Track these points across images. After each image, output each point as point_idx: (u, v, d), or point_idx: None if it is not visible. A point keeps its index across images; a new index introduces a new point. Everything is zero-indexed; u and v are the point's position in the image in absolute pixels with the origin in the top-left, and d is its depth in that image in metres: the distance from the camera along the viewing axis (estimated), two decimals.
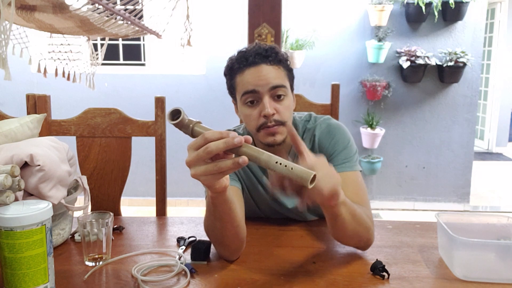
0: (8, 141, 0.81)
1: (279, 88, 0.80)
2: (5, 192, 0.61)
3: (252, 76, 0.80)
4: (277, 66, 0.82)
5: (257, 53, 0.81)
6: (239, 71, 0.82)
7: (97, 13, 1.20)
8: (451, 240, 0.68)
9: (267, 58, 0.81)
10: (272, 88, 0.80)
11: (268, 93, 0.80)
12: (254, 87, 0.80)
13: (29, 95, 1.06)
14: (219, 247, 0.75)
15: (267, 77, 0.80)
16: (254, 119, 0.81)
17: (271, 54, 0.81)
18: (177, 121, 0.58)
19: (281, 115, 0.81)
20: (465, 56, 2.75)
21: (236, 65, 0.82)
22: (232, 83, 0.85)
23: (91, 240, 0.73)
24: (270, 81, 0.80)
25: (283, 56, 0.83)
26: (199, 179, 0.58)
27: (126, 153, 1.08)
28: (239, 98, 0.84)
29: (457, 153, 3.03)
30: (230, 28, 2.84)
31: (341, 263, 0.74)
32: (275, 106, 0.80)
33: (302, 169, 0.53)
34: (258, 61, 0.80)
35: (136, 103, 2.89)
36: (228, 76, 0.86)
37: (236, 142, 0.55)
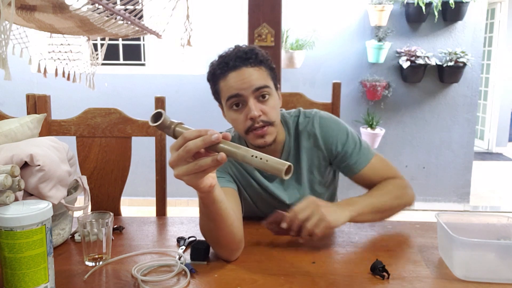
0: (8, 141, 0.81)
1: (262, 89, 0.81)
2: (5, 192, 0.61)
3: (235, 80, 0.81)
4: (258, 67, 0.82)
5: (237, 57, 0.81)
6: (221, 76, 0.83)
7: (97, 13, 1.20)
8: (451, 240, 0.68)
9: (247, 61, 0.81)
10: (255, 89, 0.81)
11: (253, 95, 0.81)
12: (238, 91, 0.80)
13: (29, 95, 1.06)
14: (217, 248, 0.75)
15: (250, 79, 0.80)
16: (241, 122, 0.82)
17: (251, 56, 0.82)
18: (158, 123, 0.59)
19: (268, 116, 0.82)
20: (465, 56, 2.75)
21: (218, 70, 0.83)
22: (216, 89, 0.86)
23: (91, 240, 0.73)
24: (253, 83, 0.80)
25: (263, 56, 0.84)
26: (182, 179, 0.58)
27: (126, 153, 1.08)
28: (224, 103, 0.85)
29: (457, 153, 3.03)
30: (230, 28, 2.84)
31: (341, 263, 0.74)
32: (260, 107, 0.82)
33: (277, 160, 0.54)
34: (239, 65, 0.81)
35: (136, 103, 2.89)
36: (211, 82, 0.87)
37: (214, 139, 0.55)
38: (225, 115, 0.89)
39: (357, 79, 2.93)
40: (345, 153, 0.88)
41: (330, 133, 0.89)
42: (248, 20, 1.78)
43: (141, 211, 2.89)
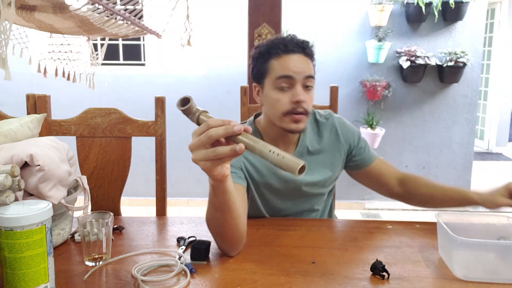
0: (8, 141, 0.81)
1: (311, 78, 0.87)
2: (5, 192, 0.61)
3: (290, 62, 0.85)
4: (310, 58, 0.88)
5: (296, 43, 0.87)
6: (275, 55, 0.86)
7: (97, 13, 1.20)
8: (451, 240, 0.68)
9: (304, 50, 0.87)
10: (306, 77, 0.85)
11: (302, 81, 0.85)
12: (291, 73, 0.84)
13: (29, 95, 1.06)
14: (219, 240, 0.76)
15: (304, 66, 0.85)
16: (283, 104, 0.85)
17: (307, 46, 0.88)
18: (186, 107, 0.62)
19: (307, 105, 0.87)
20: (465, 56, 2.75)
21: (273, 50, 0.86)
22: (264, 67, 0.88)
23: (91, 240, 0.73)
24: (306, 70, 0.85)
25: (313, 51, 0.91)
26: (198, 163, 0.60)
27: (126, 153, 1.08)
28: (270, 81, 0.87)
29: (457, 153, 3.03)
30: (230, 28, 2.85)
31: (341, 263, 0.74)
32: (304, 95, 0.86)
33: (292, 159, 0.56)
34: (297, 50, 0.86)
35: (136, 103, 2.90)
36: (260, 60, 0.89)
37: (236, 130, 0.57)
38: (257, 95, 0.92)
39: (357, 79, 2.93)
40: (360, 147, 0.98)
41: (348, 130, 0.98)
42: (248, 20, 1.78)
43: (141, 211, 2.89)
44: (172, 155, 2.61)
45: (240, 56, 2.79)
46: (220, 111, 2.98)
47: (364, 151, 0.98)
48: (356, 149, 0.98)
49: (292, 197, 0.96)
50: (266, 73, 0.88)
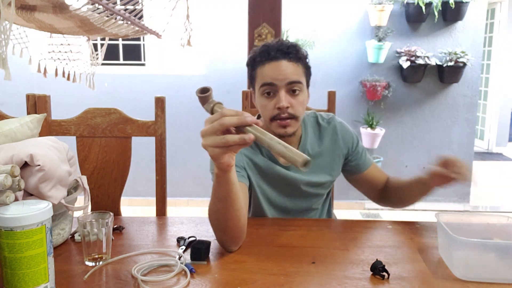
0: (8, 141, 0.81)
1: (295, 83, 0.87)
2: (5, 192, 0.61)
3: (272, 70, 0.87)
4: (296, 63, 0.88)
5: (279, 49, 0.87)
6: (260, 64, 0.89)
7: (97, 13, 1.20)
8: (451, 240, 0.68)
9: (287, 55, 0.87)
10: (289, 83, 0.87)
11: (285, 87, 0.87)
12: (272, 80, 0.87)
13: (29, 95, 1.06)
14: (220, 233, 0.77)
15: (286, 72, 0.86)
16: (269, 110, 0.88)
17: (292, 51, 0.88)
18: (204, 95, 0.66)
19: (294, 109, 0.88)
20: (465, 56, 2.75)
21: (258, 58, 0.89)
22: (253, 74, 0.92)
23: (91, 240, 0.73)
24: (288, 76, 0.86)
25: (303, 54, 0.90)
26: (207, 149, 0.63)
27: (126, 153, 1.08)
28: (257, 88, 0.91)
29: (457, 153, 3.03)
30: (230, 28, 2.85)
31: (340, 263, 0.74)
32: (290, 100, 0.87)
33: (298, 152, 0.59)
34: (279, 57, 0.87)
35: (136, 103, 2.89)
36: (249, 67, 0.93)
37: (248, 121, 0.61)
38: (254, 100, 0.95)
39: (357, 79, 2.93)
40: (357, 153, 0.99)
41: (348, 134, 0.99)
42: (248, 20, 1.78)
43: (141, 211, 2.89)
44: (172, 155, 2.61)
45: (240, 56, 2.78)
46: None
47: (360, 157, 1.00)
48: (353, 154, 0.99)
49: (292, 196, 0.98)
50: (255, 80, 0.91)
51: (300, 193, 0.97)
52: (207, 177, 0.95)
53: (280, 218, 0.99)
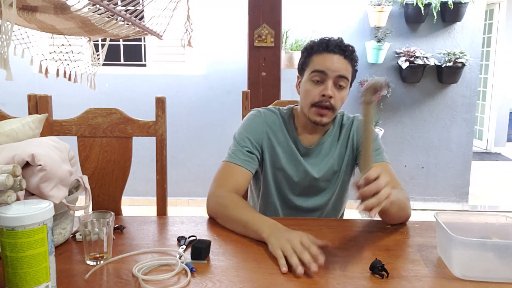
0: (10, 141, 0.81)
1: (343, 78, 0.95)
2: (7, 192, 0.62)
3: (326, 60, 0.94)
4: (349, 62, 0.96)
5: (338, 45, 0.95)
6: (317, 52, 0.95)
7: (98, 14, 1.21)
8: (450, 240, 0.69)
9: (344, 52, 0.94)
10: (338, 76, 0.94)
11: (333, 79, 0.94)
12: (325, 69, 0.93)
13: (31, 95, 1.07)
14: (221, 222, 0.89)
15: (338, 66, 0.93)
16: (313, 95, 0.94)
17: (348, 50, 0.95)
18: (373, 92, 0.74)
19: (335, 101, 0.94)
20: (463, 56, 2.76)
21: (316, 46, 0.95)
22: (307, 60, 0.98)
23: (92, 240, 0.73)
24: (339, 70, 0.93)
25: (355, 57, 0.98)
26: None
27: (127, 153, 1.08)
28: (307, 74, 0.97)
29: (456, 153, 3.03)
30: (230, 29, 2.85)
31: (340, 263, 0.74)
32: (334, 92, 0.94)
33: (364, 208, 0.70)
34: (336, 51, 0.94)
35: (136, 103, 2.89)
36: (305, 53, 0.99)
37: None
38: (298, 86, 1.02)
39: (357, 79, 2.92)
40: None
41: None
42: (248, 20, 1.79)
43: (141, 211, 2.89)
44: (173, 155, 2.61)
45: (240, 56, 2.79)
46: (221, 112, 2.99)
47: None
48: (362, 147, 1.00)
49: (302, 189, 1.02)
50: (307, 66, 0.97)
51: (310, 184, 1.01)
52: (207, 177, 0.96)
53: (281, 218, 1.00)
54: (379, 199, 0.69)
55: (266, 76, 1.79)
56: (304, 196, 1.02)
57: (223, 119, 2.97)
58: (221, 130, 2.97)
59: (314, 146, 1.01)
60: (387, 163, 0.99)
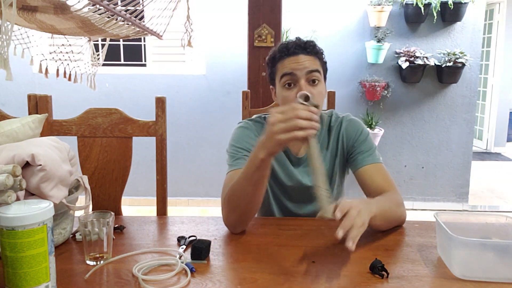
0: (10, 141, 0.81)
1: (314, 72, 0.92)
2: (7, 192, 0.62)
3: (291, 62, 0.92)
4: (314, 56, 0.94)
5: (297, 45, 0.93)
6: (280, 60, 0.94)
7: (98, 14, 1.21)
8: (450, 240, 0.69)
9: (305, 49, 0.92)
10: (308, 72, 0.92)
11: (304, 77, 0.91)
12: (292, 70, 0.92)
13: (31, 95, 1.07)
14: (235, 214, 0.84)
15: (304, 63, 0.92)
16: (290, 100, 0.91)
17: (309, 46, 0.94)
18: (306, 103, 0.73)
19: (315, 98, 0.90)
20: (463, 56, 2.76)
21: (278, 54, 0.94)
22: (273, 70, 0.97)
23: (92, 240, 0.73)
24: (307, 66, 0.92)
25: (319, 50, 0.96)
26: (278, 135, 0.70)
27: (127, 153, 1.08)
28: (278, 82, 0.96)
29: (456, 153, 3.03)
30: (230, 29, 2.85)
31: (340, 262, 0.74)
32: (310, 89, 0.91)
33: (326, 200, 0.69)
34: (297, 51, 0.92)
35: (137, 103, 2.90)
36: (270, 65, 0.98)
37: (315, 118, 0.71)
38: (275, 97, 1.00)
39: (357, 79, 2.94)
40: (359, 146, 0.98)
41: (353, 129, 1.00)
42: (248, 20, 1.79)
43: (141, 211, 2.89)
44: (173, 155, 2.61)
45: (240, 56, 2.79)
46: (221, 112, 2.99)
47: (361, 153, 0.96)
48: (355, 146, 0.98)
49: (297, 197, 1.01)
50: (275, 75, 0.96)
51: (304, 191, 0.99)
52: (207, 177, 0.96)
53: (280, 218, 1.00)
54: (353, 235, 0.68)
55: (266, 76, 1.79)
56: (300, 203, 1.01)
57: (223, 119, 2.97)
58: (221, 130, 2.97)
59: (304, 155, 0.99)
60: (380, 163, 0.95)
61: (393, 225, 0.89)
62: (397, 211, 0.89)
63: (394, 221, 0.88)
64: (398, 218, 0.89)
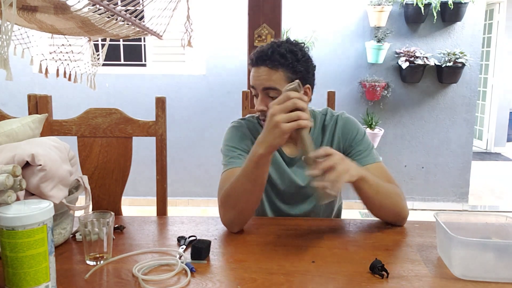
0: (10, 141, 0.81)
1: (270, 90, 0.89)
2: (7, 192, 0.62)
3: (253, 75, 0.92)
4: (275, 69, 0.88)
5: (259, 56, 0.90)
6: (250, 67, 0.94)
7: (98, 14, 1.21)
8: (450, 240, 0.69)
9: (264, 62, 0.89)
10: (264, 88, 0.90)
11: (262, 92, 0.90)
12: (253, 84, 0.92)
13: (31, 95, 1.07)
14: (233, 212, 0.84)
15: (261, 78, 0.89)
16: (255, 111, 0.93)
17: (270, 57, 0.88)
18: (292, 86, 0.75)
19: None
20: (463, 56, 2.76)
21: (250, 61, 0.94)
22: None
23: (92, 240, 0.73)
24: (263, 83, 0.90)
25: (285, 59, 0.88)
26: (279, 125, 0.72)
27: (127, 153, 1.08)
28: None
29: (456, 153, 3.04)
30: (230, 29, 2.85)
31: (340, 262, 0.74)
32: (267, 103, 0.89)
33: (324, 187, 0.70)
34: (259, 63, 0.90)
35: (137, 103, 2.90)
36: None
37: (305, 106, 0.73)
38: None
39: (357, 79, 2.94)
40: (357, 147, 0.96)
41: (349, 129, 0.97)
42: (248, 20, 1.79)
43: (141, 211, 2.89)
44: (173, 155, 2.61)
45: (240, 56, 2.79)
46: (221, 112, 2.99)
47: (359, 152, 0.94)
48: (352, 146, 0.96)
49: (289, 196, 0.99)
50: None
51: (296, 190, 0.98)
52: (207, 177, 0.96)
53: (280, 218, 1.00)
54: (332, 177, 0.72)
55: None
56: (291, 204, 1.00)
57: (223, 119, 2.96)
58: (221, 130, 2.94)
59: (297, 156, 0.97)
60: (379, 162, 0.93)
61: (391, 213, 0.88)
62: (397, 200, 0.87)
63: (391, 206, 0.86)
64: (397, 208, 0.87)
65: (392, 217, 0.89)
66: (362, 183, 0.81)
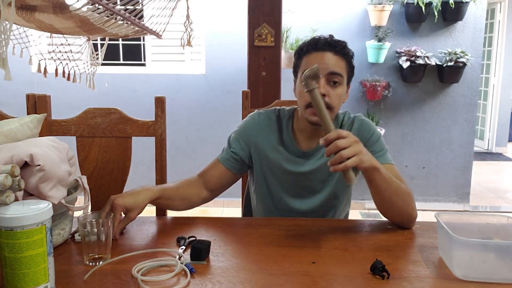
0: (8, 141, 0.81)
1: (336, 75, 0.91)
2: (5, 192, 0.61)
3: (316, 59, 0.90)
4: (341, 57, 0.92)
5: (327, 41, 0.92)
6: (306, 53, 0.93)
7: (97, 13, 1.20)
8: (451, 240, 0.68)
9: (333, 48, 0.91)
10: (330, 73, 0.90)
11: (326, 77, 0.90)
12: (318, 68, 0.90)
13: (29, 95, 1.06)
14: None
15: (328, 63, 0.90)
16: (306, 96, 0.88)
17: (339, 45, 0.92)
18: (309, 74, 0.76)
19: (331, 100, 0.90)
20: (465, 56, 2.75)
21: (305, 47, 0.93)
22: (298, 62, 0.96)
23: (91, 240, 0.73)
24: (330, 67, 0.90)
25: (349, 52, 0.94)
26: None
27: (126, 153, 1.08)
28: (299, 76, 0.94)
29: (457, 153, 3.03)
30: (230, 29, 2.85)
31: (340, 263, 0.74)
32: (328, 90, 0.90)
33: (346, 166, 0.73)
34: (325, 48, 0.91)
35: (136, 103, 2.89)
36: (296, 56, 0.97)
37: None
38: (294, 89, 0.99)
39: (357, 79, 2.93)
40: (371, 147, 0.94)
41: (365, 130, 0.98)
42: (248, 20, 1.78)
43: None
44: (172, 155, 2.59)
45: (240, 56, 2.78)
46: (220, 111, 2.98)
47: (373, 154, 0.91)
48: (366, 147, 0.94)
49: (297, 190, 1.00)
50: (299, 68, 0.95)
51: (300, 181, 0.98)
52: None
53: (280, 218, 0.99)
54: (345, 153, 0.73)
55: (266, 76, 1.79)
56: (299, 198, 1.00)
57: (223, 119, 2.96)
58: (221, 130, 2.96)
59: (311, 151, 0.98)
60: (392, 164, 0.94)
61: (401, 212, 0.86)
62: (408, 200, 0.86)
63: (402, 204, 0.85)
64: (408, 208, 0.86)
65: (402, 217, 0.87)
66: (375, 173, 0.80)
